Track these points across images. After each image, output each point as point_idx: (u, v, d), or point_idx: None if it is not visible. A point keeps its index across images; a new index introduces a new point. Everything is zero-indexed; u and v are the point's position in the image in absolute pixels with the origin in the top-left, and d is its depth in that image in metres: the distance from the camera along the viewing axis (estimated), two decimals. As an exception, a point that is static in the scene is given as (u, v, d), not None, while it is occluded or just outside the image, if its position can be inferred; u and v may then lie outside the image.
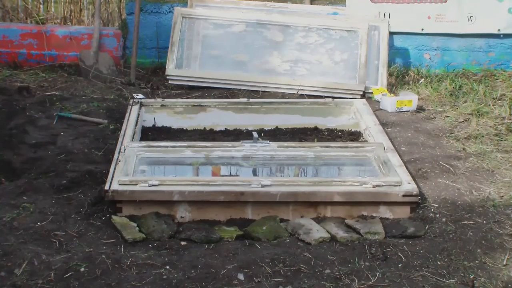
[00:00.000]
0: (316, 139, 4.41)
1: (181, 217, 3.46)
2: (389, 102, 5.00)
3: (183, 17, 5.47)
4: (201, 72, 5.45)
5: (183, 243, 3.25)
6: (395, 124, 4.70)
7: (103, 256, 3.05)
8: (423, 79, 5.67)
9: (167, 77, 5.41)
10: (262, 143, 3.97)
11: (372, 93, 5.31)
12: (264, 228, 3.36)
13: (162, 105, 4.66)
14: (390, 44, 5.57)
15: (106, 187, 3.44)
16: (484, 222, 3.45)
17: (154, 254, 3.12)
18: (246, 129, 4.56)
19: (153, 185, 3.45)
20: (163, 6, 5.89)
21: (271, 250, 3.16)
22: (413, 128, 4.63)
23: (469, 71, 5.77)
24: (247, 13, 5.58)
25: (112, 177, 3.53)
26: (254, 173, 3.92)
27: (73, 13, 6.14)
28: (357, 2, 5.76)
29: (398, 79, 5.65)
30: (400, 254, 3.14)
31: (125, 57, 5.80)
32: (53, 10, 6.20)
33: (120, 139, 4.01)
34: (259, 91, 5.32)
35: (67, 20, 6.11)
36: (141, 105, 4.60)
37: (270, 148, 3.94)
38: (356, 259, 3.09)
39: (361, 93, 5.30)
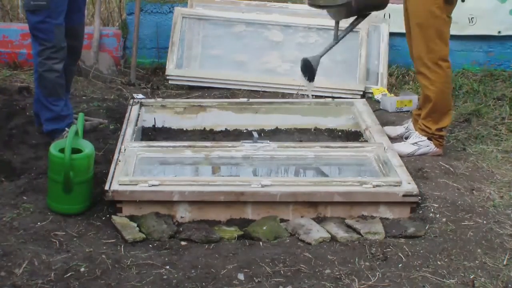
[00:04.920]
0: (316, 139, 4.42)
1: (181, 217, 3.47)
2: (389, 102, 5.01)
3: (183, 17, 5.47)
4: (201, 72, 5.45)
5: (183, 243, 3.25)
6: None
7: (103, 256, 3.05)
8: (423, 79, 5.66)
9: (167, 77, 5.41)
10: (262, 143, 3.97)
11: (372, 93, 5.31)
12: (264, 228, 3.36)
13: (162, 105, 4.66)
14: (390, 44, 5.57)
15: (106, 187, 3.44)
16: (484, 222, 3.45)
17: (154, 254, 3.12)
18: (246, 129, 4.56)
19: (153, 185, 3.45)
20: (163, 6, 5.88)
21: (271, 250, 3.16)
22: (413, 128, 4.63)
23: (469, 71, 5.76)
24: (247, 13, 5.58)
25: (112, 177, 3.53)
26: (254, 173, 3.92)
27: (73, 13, 6.13)
28: (357, 2, 5.76)
29: (398, 79, 5.64)
30: (400, 254, 3.14)
31: (125, 57, 5.80)
32: (53, 10, 6.19)
33: (120, 139, 4.01)
34: (259, 91, 5.32)
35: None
36: (141, 105, 4.60)
37: (270, 148, 3.94)
38: (356, 259, 3.10)
39: (361, 93, 5.30)
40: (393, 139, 4.30)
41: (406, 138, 4.28)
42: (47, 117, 4.08)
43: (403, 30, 5.93)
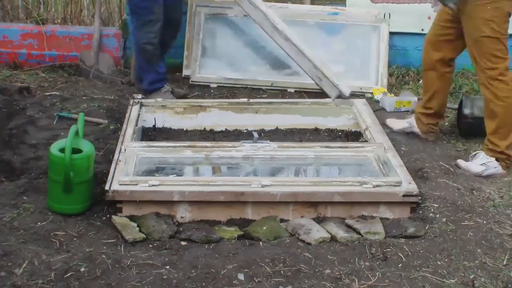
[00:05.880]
0: (316, 139, 4.42)
1: (181, 217, 3.47)
2: (388, 102, 5.01)
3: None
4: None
5: (183, 243, 3.25)
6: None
7: (103, 256, 3.05)
8: (423, 79, 5.66)
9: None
10: (262, 143, 3.97)
11: (372, 93, 5.32)
12: (264, 228, 3.36)
13: (162, 105, 4.66)
14: (390, 44, 5.57)
15: (107, 187, 3.44)
16: (484, 222, 3.45)
17: (154, 254, 3.12)
18: (246, 129, 4.56)
19: (153, 185, 3.45)
20: (164, 6, 5.87)
21: (271, 250, 3.16)
22: (413, 128, 4.62)
23: (469, 71, 5.76)
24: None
25: (113, 177, 3.53)
26: (254, 173, 3.92)
27: (73, 13, 6.13)
28: (357, 2, 5.76)
29: (398, 79, 5.64)
30: (400, 254, 3.14)
31: (125, 57, 5.80)
32: (53, 10, 6.19)
33: (120, 139, 4.01)
34: (260, 90, 5.33)
35: (67, 20, 6.10)
36: (141, 105, 4.60)
37: (270, 148, 3.94)
38: (356, 259, 3.10)
39: (361, 93, 5.30)
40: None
41: (472, 157, 4.08)
42: (149, 79, 4.95)
43: (403, 30, 5.95)
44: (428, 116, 4.39)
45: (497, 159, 3.99)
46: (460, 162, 4.06)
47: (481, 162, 4.00)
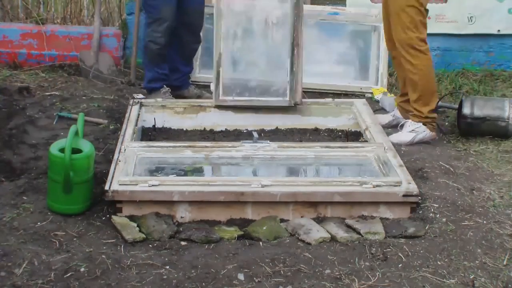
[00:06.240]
0: (316, 139, 4.41)
1: (181, 217, 3.47)
2: (387, 102, 5.01)
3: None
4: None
5: (183, 243, 3.25)
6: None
7: (103, 256, 3.05)
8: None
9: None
10: (262, 143, 3.97)
11: (372, 93, 5.32)
12: (264, 228, 3.36)
13: (162, 105, 4.66)
14: (390, 44, 5.57)
15: (106, 187, 3.44)
16: (484, 222, 3.45)
17: (154, 254, 3.12)
18: (246, 129, 4.56)
19: (153, 185, 3.45)
20: (163, 6, 5.87)
21: (271, 250, 3.16)
22: (413, 128, 4.62)
23: (469, 71, 5.76)
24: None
25: (112, 177, 3.52)
26: (254, 173, 3.92)
27: (73, 13, 6.13)
28: (357, 2, 5.76)
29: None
30: (400, 254, 3.14)
31: (125, 57, 5.80)
32: (53, 10, 6.19)
33: (120, 139, 4.01)
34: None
35: (67, 20, 6.10)
36: (141, 105, 4.60)
37: (270, 148, 3.94)
38: (356, 259, 3.10)
39: (361, 93, 5.30)
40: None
41: (401, 127, 4.37)
42: (149, 77, 4.97)
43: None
44: (407, 103, 4.47)
45: (424, 124, 4.26)
46: (391, 137, 4.23)
47: (409, 130, 4.27)
